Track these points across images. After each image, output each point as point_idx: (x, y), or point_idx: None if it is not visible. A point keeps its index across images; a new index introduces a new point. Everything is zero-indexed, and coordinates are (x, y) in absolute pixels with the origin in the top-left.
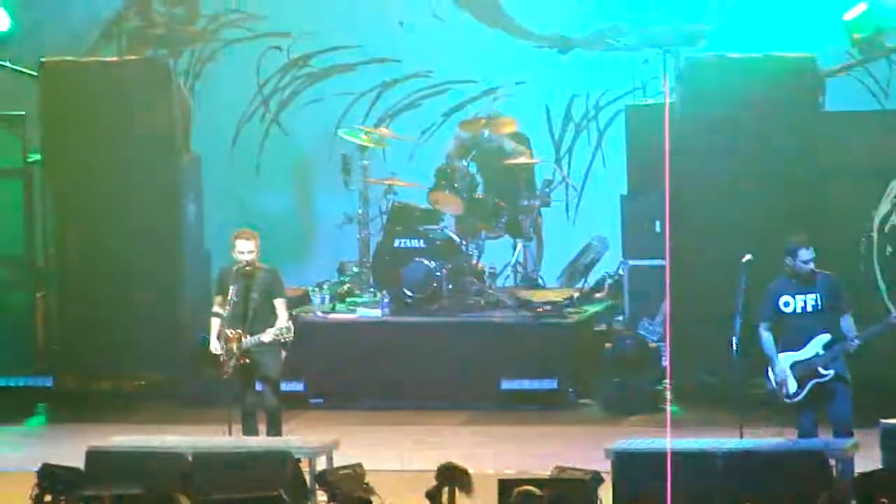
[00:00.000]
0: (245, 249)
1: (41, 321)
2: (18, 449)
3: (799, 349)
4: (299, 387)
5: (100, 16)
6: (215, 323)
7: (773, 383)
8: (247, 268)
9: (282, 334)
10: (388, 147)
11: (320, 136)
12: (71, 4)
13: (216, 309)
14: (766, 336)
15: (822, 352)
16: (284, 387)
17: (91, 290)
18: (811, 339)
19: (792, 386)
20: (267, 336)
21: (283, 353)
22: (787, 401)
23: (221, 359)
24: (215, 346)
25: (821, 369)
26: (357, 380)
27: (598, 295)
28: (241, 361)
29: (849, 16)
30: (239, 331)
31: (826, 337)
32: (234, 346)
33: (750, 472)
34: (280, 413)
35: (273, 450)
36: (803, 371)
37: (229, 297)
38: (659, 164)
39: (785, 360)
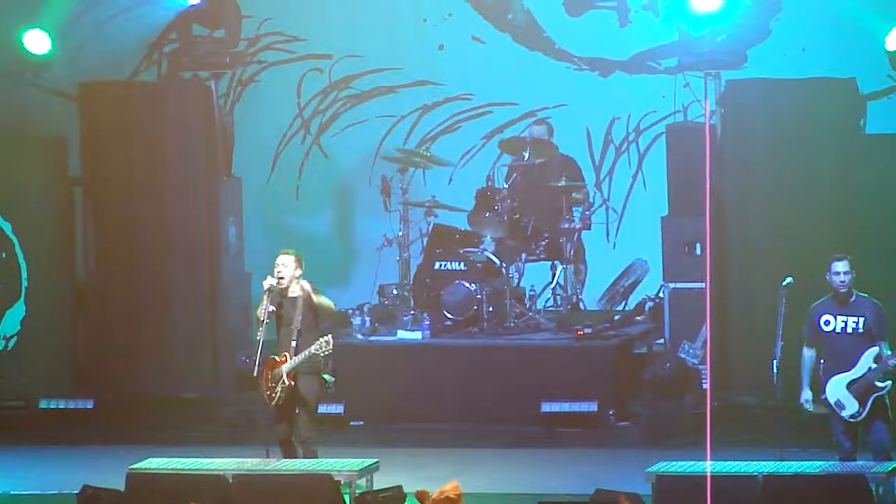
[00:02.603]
0: (280, 263)
1: (81, 342)
2: (60, 471)
3: (850, 368)
4: (339, 409)
5: (140, 38)
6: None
7: (832, 405)
8: (280, 284)
9: (321, 348)
10: (429, 169)
11: (361, 159)
12: (111, 27)
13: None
14: (807, 355)
15: (874, 365)
16: (325, 409)
17: (131, 312)
18: (860, 356)
19: (852, 406)
20: (309, 351)
21: (330, 379)
22: (852, 420)
23: (268, 387)
24: (259, 372)
25: (878, 383)
26: (397, 402)
27: (638, 318)
28: (288, 383)
29: (890, 40)
30: (286, 354)
31: (875, 350)
32: (280, 369)
33: (790, 494)
34: (314, 444)
35: (314, 472)
36: (860, 388)
37: (261, 317)
38: (699, 186)
39: (839, 381)
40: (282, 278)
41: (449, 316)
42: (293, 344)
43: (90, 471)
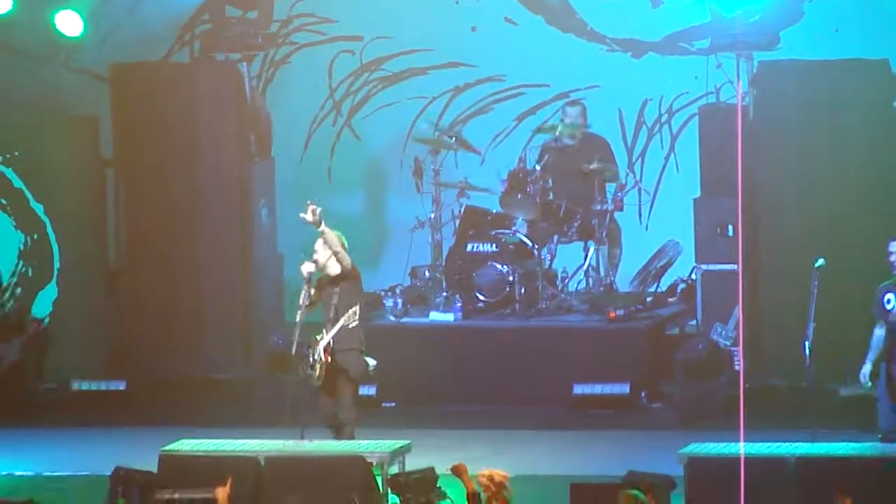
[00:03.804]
0: (315, 248)
1: (113, 324)
2: (92, 452)
3: None
4: (371, 391)
5: (172, 20)
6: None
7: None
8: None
9: (349, 319)
10: (460, 150)
11: (392, 141)
12: (143, 8)
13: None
14: (877, 333)
15: None
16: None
17: (163, 293)
18: None
19: None
20: (338, 325)
21: (371, 363)
22: None
23: (310, 363)
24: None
25: None
26: (429, 384)
27: (670, 299)
28: (325, 359)
29: None
30: (323, 331)
31: None
32: (318, 347)
33: (825, 476)
34: (352, 427)
35: (346, 454)
36: None
37: (301, 302)
38: (732, 167)
39: None
40: (316, 261)
41: (481, 298)
42: (331, 320)
43: (123, 452)
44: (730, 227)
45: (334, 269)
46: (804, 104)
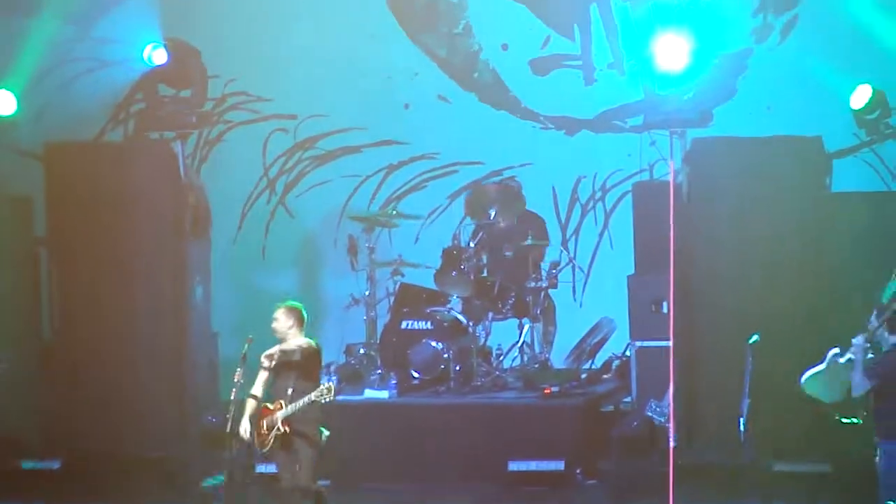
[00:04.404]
0: (274, 317)
1: (47, 402)
2: None
3: None
4: None
5: (106, 99)
6: (250, 404)
7: None
8: (279, 337)
9: (322, 394)
10: (396, 228)
11: (326, 218)
12: (76, 87)
13: (253, 390)
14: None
15: None
16: None
17: (97, 371)
18: None
19: None
20: (308, 398)
21: (326, 433)
22: None
23: (261, 434)
24: (245, 429)
25: None
26: (364, 461)
27: (605, 376)
28: (283, 429)
29: (854, 98)
30: (281, 402)
31: None
32: (274, 416)
33: None
34: (316, 492)
35: None
36: None
37: (235, 378)
38: (665, 244)
39: None
40: (275, 329)
41: (416, 375)
42: (289, 392)
43: None
44: (664, 304)
45: (293, 342)
46: (738, 181)
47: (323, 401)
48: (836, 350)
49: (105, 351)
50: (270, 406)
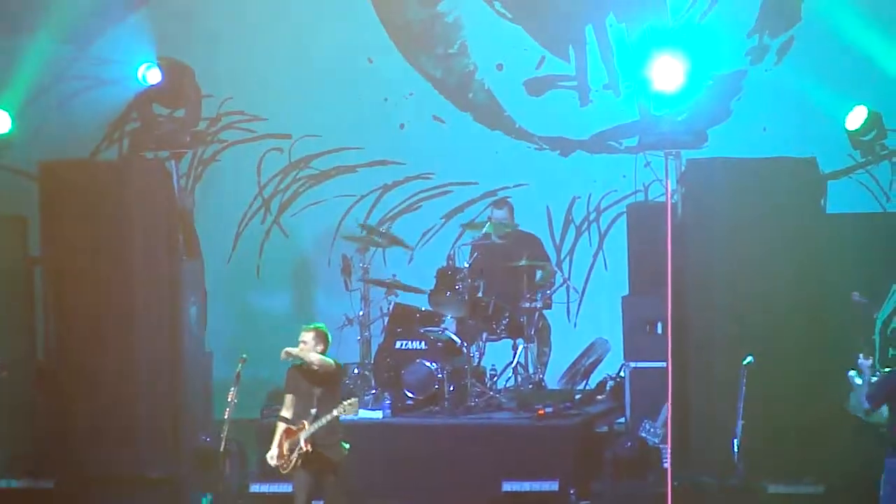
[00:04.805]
0: (301, 340)
1: (42, 421)
2: None
3: None
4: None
5: (101, 118)
6: (280, 427)
7: None
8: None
9: (345, 410)
10: (390, 248)
11: (321, 238)
12: (71, 106)
13: (283, 412)
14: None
15: None
16: (283, 488)
17: (92, 391)
18: None
19: None
20: (332, 415)
21: (346, 447)
22: None
23: (283, 456)
24: (271, 455)
25: None
26: (358, 481)
27: (599, 397)
28: (306, 448)
29: (850, 119)
30: (304, 422)
31: None
32: (297, 437)
33: None
34: None
35: None
36: None
37: (229, 398)
38: (660, 265)
39: None
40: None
41: (410, 395)
42: (312, 412)
43: None
44: (658, 325)
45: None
46: (733, 202)
47: (347, 415)
48: (853, 371)
49: (99, 370)
50: (294, 426)
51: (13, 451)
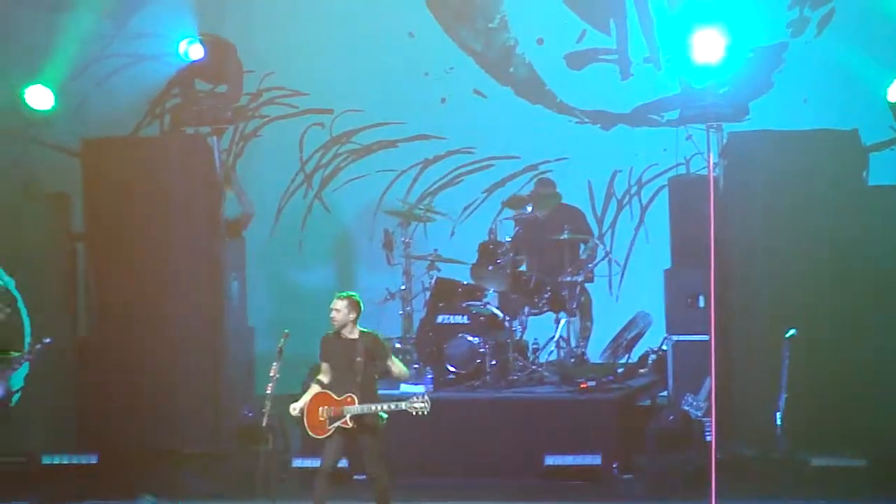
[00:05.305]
0: (333, 308)
1: (85, 397)
2: None
3: None
4: (343, 463)
5: (142, 94)
6: (314, 388)
7: None
8: (336, 329)
9: (413, 405)
10: (431, 223)
11: (362, 213)
12: (113, 83)
13: (320, 376)
14: None
15: None
16: None
17: (134, 366)
18: None
19: None
20: (398, 405)
21: (385, 416)
22: None
23: (317, 420)
24: (297, 407)
25: None
26: (399, 456)
27: (641, 370)
28: (350, 424)
29: (892, 91)
30: (351, 396)
31: None
32: (341, 409)
33: None
34: (381, 478)
35: None
36: None
37: (271, 373)
38: (702, 238)
39: None
40: (336, 325)
41: (452, 369)
42: (358, 380)
43: None
44: (700, 298)
45: (352, 333)
46: (774, 174)
47: (417, 413)
48: None
49: (141, 345)
50: (336, 396)
51: (57, 426)
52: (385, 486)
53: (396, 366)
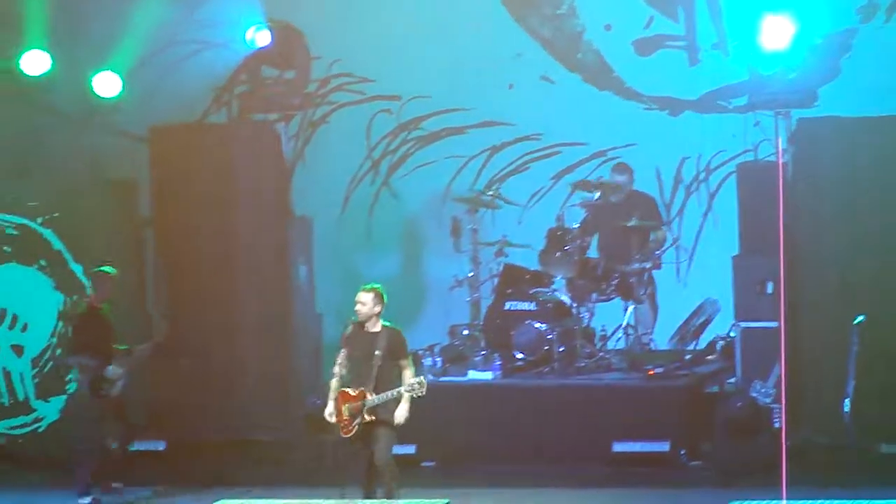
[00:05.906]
0: (359, 300)
1: (153, 384)
2: None
3: None
4: (411, 450)
5: (210, 80)
6: (334, 385)
7: None
8: (361, 321)
9: (413, 389)
10: (498, 209)
11: (430, 200)
12: (181, 70)
13: (336, 368)
14: None
15: None
16: (397, 449)
17: (202, 353)
18: None
19: None
20: (398, 391)
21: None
22: None
23: (343, 420)
24: (330, 412)
25: None
26: (468, 442)
27: (709, 357)
28: (367, 419)
29: None
30: (363, 389)
31: None
32: (359, 403)
33: None
34: (388, 469)
35: None
36: None
37: (345, 355)
38: (770, 225)
39: None
40: (362, 318)
41: (520, 356)
42: (374, 372)
43: None
44: (769, 285)
45: (375, 326)
46: (843, 161)
47: (414, 395)
48: None
49: (209, 332)
50: (352, 392)
51: (126, 413)
52: (390, 479)
53: (409, 369)
